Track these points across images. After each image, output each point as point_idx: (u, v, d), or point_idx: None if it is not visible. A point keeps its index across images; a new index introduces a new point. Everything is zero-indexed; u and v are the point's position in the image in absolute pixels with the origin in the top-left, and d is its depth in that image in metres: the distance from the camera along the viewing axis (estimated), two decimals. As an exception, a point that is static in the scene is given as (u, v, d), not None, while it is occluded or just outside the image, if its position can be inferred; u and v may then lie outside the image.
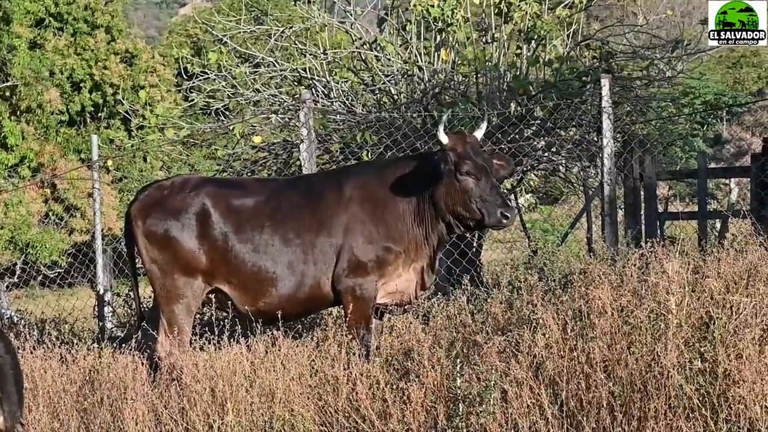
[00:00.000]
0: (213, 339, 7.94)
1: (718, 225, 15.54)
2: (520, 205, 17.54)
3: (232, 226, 8.69)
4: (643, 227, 13.55)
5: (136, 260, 9.23)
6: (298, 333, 9.22)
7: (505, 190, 14.83)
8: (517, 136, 12.17)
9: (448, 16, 13.44)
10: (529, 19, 13.48)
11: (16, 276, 27.70)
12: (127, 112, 26.26)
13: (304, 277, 8.62)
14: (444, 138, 8.44)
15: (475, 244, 13.15)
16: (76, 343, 8.96)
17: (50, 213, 31.79)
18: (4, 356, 4.54)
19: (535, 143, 13.64)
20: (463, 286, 8.45)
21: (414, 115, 12.70)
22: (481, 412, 6.32)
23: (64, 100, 34.34)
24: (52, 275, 23.24)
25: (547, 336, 6.87)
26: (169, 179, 9.30)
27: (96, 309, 12.86)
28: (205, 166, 20.33)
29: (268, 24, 15.04)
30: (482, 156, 8.41)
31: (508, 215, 8.23)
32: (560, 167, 15.21)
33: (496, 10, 13.76)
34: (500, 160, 8.90)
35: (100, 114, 35.90)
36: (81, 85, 35.29)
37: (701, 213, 14.42)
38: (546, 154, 14.33)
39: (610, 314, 6.86)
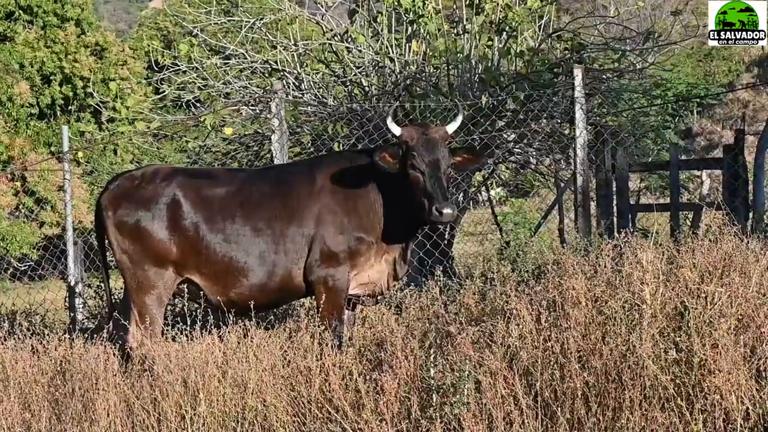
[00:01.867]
0: (185, 329, 7.88)
1: (690, 217, 15.56)
2: (492, 198, 17.52)
3: (203, 216, 8.63)
4: (615, 219, 13.56)
5: (107, 251, 9.16)
6: (271, 324, 9.18)
7: (476, 183, 14.85)
8: (489, 128, 12.15)
9: (419, 8, 13.43)
10: (500, 11, 13.47)
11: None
12: (97, 104, 26.11)
13: (275, 267, 8.58)
14: (396, 130, 8.42)
15: (447, 236, 13.12)
16: (48, 334, 8.88)
17: (20, 206, 31.64)
18: None
19: (507, 135, 13.64)
20: (435, 278, 8.42)
21: (385, 106, 12.66)
22: (455, 402, 6.28)
23: (34, 93, 34.18)
24: (22, 268, 23.08)
25: (520, 326, 6.85)
26: (139, 169, 9.22)
27: (67, 300, 12.79)
28: (176, 159, 20.23)
29: (238, 16, 14.97)
30: (435, 150, 8.33)
31: (442, 211, 8.08)
32: (531, 159, 15.23)
33: (468, 2, 13.75)
34: (470, 153, 8.86)
35: (70, 107, 35.72)
36: (51, 78, 35.11)
37: (674, 204, 14.44)
38: (517, 146, 14.34)
39: (584, 305, 6.84)
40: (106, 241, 8.96)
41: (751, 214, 12.79)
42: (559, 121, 13.27)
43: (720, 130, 32.57)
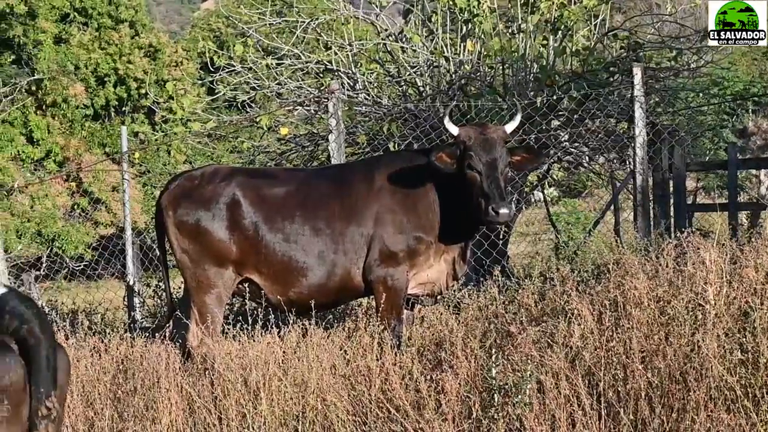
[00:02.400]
0: (246, 328, 7.92)
1: (744, 217, 15.42)
2: (546, 197, 17.44)
3: (263, 216, 8.65)
4: (671, 219, 13.45)
5: (167, 251, 9.21)
6: (329, 323, 9.19)
7: (531, 183, 14.79)
8: (545, 127, 12.10)
9: (474, 7, 13.38)
10: (555, 9, 13.39)
11: (42, 269, 27.77)
12: (153, 104, 26.27)
13: (335, 267, 8.59)
14: (453, 130, 8.41)
15: (501, 236, 13.08)
16: (108, 333, 8.95)
17: (75, 206, 31.92)
18: (39, 337, 4.49)
19: (561, 135, 13.56)
20: (494, 277, 8.40)
21: (440, 106, 12.63)
22: (517, 402, 6.26)
23: (89, 94, 34.44)
24: (77, 268, 23.28)
25: (582, 326, 6.81)
26: (199, 169, 9.26)
27: (126, 300, 12.86)
28: (230, 159, 20.32)
29: (292, 16, 15.00)
30: (493, 150, 8.31)
31: (499, 211, 8.06)
32: (585, 159, 15.13)
33: (523, 0, 13.68)
34: (528, 152, 8.83)
35: (124, 108, 35.98)
36: (105, 79, 35.37)
37: (733, 204, 14.28)
38: (575, 145, 14.25)
39: (647, 305, 6.79)
40: (166, 241, 9.01)
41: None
42: (615, 120, 13.17)
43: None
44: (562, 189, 24.69)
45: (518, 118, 8.65)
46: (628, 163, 13.97)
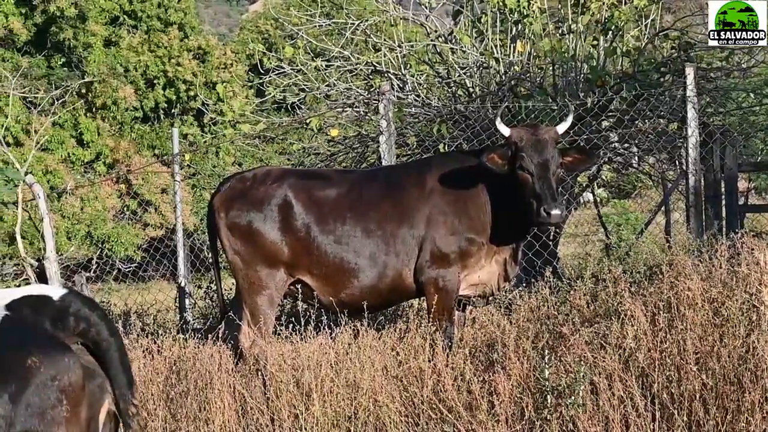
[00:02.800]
0: (298, 329, 7.94)
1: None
2: (597, 198, 17.33)
3: (314, 218, 8.68)
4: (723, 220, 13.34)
5: (219, 252, 9.25)
6: (381, 325, 9.20)
7: (582, 184, 14.71)
8: (596, 128, 12.05)
9: (524, 8, 13.34)
10: (606, 10, 13.33)
11: (92, 270, 28.02)
12: (202, 106, 26.38)
13: (386, 268, 8.59)
14: (505, 131, 8.40)
15: (551, 237, 13.03)
16: (161, 334, 9.01)
17: (125, 208, 32.13)
18: (109, 339, 4.53)
19: (611, 135, 13.49)
20: (545, 279, 8.37)
21: (490, 107, 12.60)
22: (570, 403, 6.24)
23: (138, 96, 34.63)
24: (126, 270, 23.47)
25: (635, 328, 6.78)
26: (250, 171, 9.30)
27: (177, 301, 12.93)
28: (278, 161, 20.38)
29: (342, 18, 15.03)
30: (544, 151, 8.29)
31: (551, 212, 8.04)
32: (634, 160, 15.04)
33: (573, 1, 13.63)
34: (580, 153, 8.80)
35: (173, 110, 36.17)
36: (155, 81, 35.55)
37: (785, 204, 14.15)
38: (626, 145, 14.17)
39: (701, 306, 6.75)
40: (218, 242, 9.06)
41: None
42: (666, 120, 13.08)
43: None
44: (611, 190, 24.54)
45: (570, 118, 8.63)
46: (678, 163, 13.86)
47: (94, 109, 32.85)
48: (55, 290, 4.53)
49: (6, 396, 4.10)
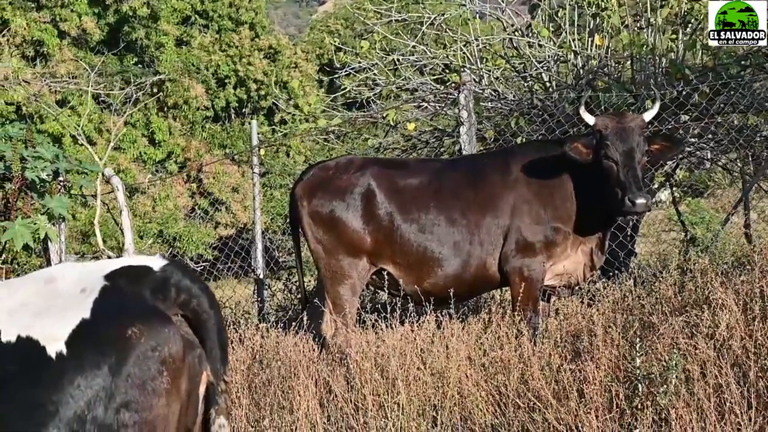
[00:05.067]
0: (383, 317, 7.90)
1: None
2: (674, 195, 17.12)
3: (397, 206, 8.63)
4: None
5: (301, 241, 9.22)
6: (464, 315, 9.13)
7: (658, 183, 14.54)
8: (672, 124, 11.89)
9: (602, 1, 13.21)
10: (685, 3, 13.16)
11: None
12: (274, 103, 26.43)
13: (470, 257, 8.52)
14: (589, 119, 8.29)
15: (630, 229, 12.89)
16: (242, 324, 9.01)
17: (196, 207, 32.35)
18: (209, 311, 4.49)
19: (691, 130, 13.30)
20: (630, 269, 8.26)
21: (568, 100, 12.49)
22: (662, 392, 6.12)
23: (210, 95, 34.88)
24: (198, 268, 23.59)
25: (728, 317, 6.65)
26: (333, 159, 9.27)
27: (256, 294, 12.94)
28: (353, 157, 20.36)
29: (418, 12, 14.99)
30: (630, 139, 8.16)
31: (635, 201, 7.91)
32: (709, 156, 14.84)
33: (652, -6, 13.49)
34: (667, 140, 8.66)
35: (244, 109, 36.36)
36: (226, 81, 35.79)
37: None
38: (700, 141, 13.97)
39: (795, 294, 6.63)
40: (300, 232, 9.03)
41: None
42: (748, 115, 12.88)
43: None
44: (684, 189, 24.27)
45: (656, 106, 8.52)
46: (760, 159, 13.64)
47: (165, 109, 33.14)
48: (155, 261, 4.48)
49: (106, 367, 4.06)
